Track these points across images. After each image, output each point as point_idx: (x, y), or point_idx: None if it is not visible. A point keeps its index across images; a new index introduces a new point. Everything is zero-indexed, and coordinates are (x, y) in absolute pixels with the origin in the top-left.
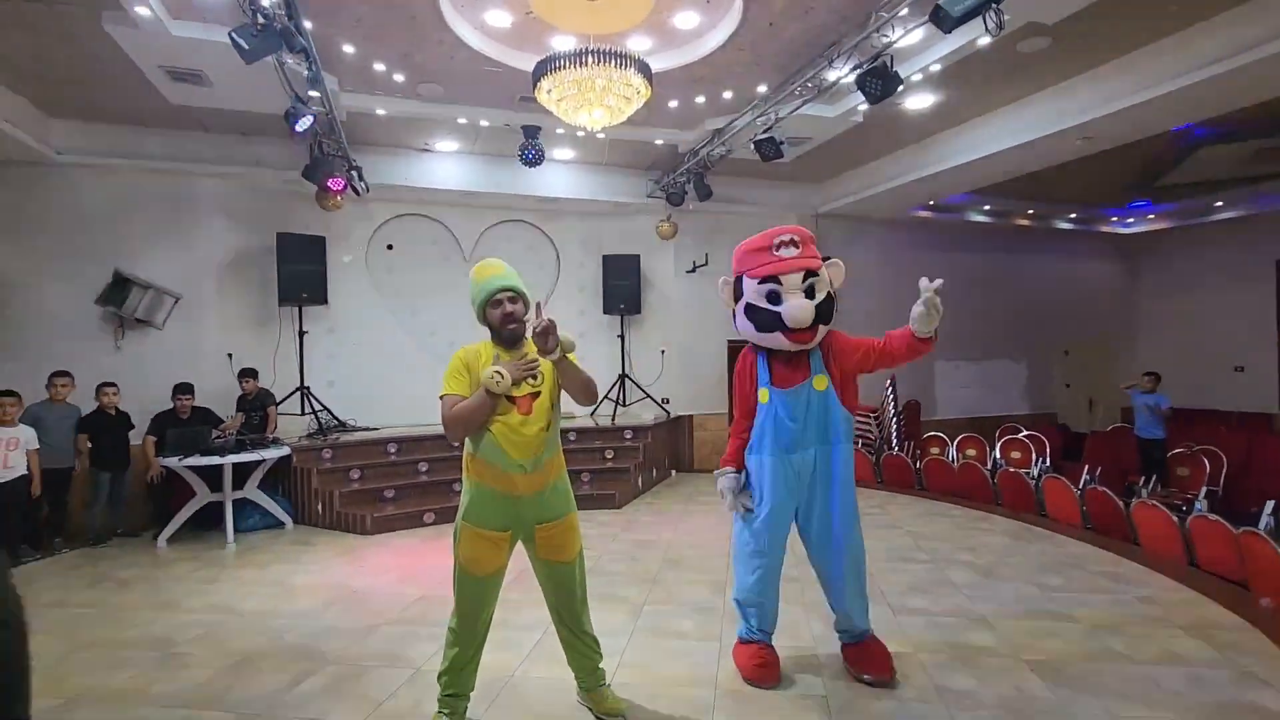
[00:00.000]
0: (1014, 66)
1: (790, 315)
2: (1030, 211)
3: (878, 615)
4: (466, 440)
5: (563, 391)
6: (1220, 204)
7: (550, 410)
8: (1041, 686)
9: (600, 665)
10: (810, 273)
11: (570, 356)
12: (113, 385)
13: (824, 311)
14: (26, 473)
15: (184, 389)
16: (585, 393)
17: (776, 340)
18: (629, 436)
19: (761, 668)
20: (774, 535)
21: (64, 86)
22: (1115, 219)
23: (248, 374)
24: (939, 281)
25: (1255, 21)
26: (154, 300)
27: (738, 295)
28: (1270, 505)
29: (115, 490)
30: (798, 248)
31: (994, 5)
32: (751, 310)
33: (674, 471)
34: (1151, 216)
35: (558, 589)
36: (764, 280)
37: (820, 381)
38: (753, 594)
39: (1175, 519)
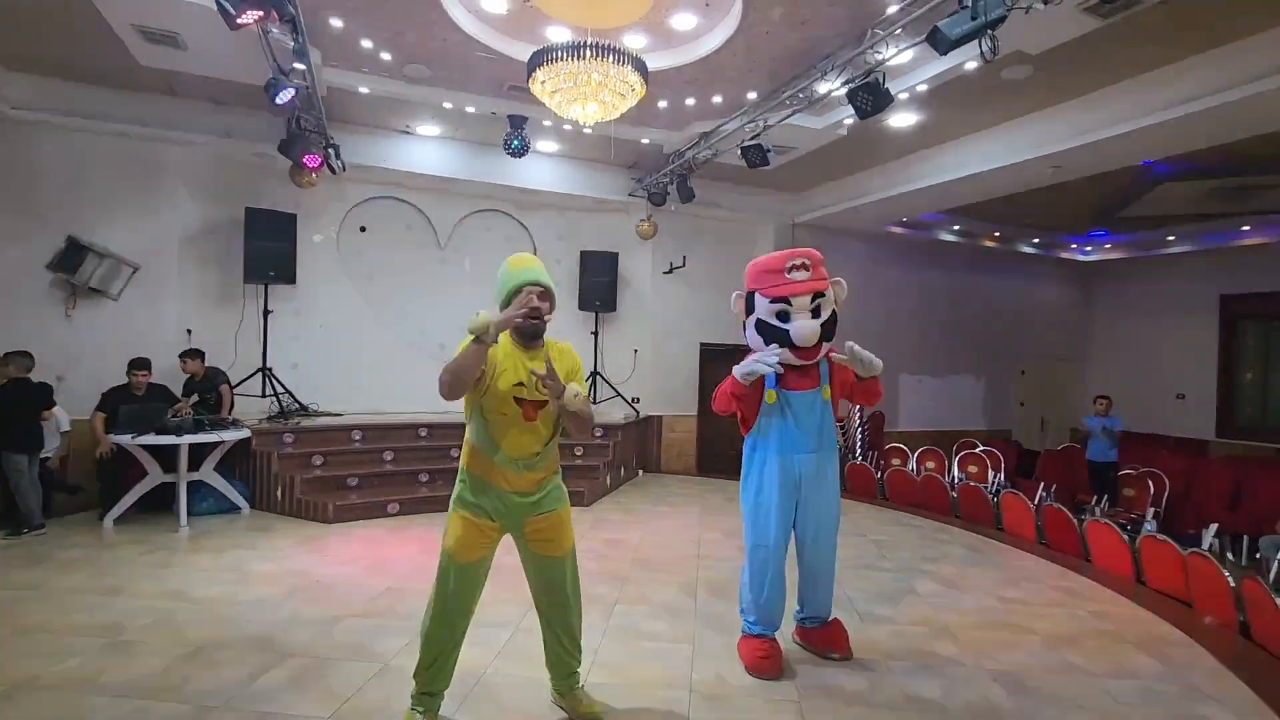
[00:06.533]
0: (995, 92)
1: (798, 334)
2: (997, 234)
3: (846, 622)
4: (468, 429)
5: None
6: (1172, 238)
7: (555, 421)
8: (1005, 696)
9: (577, 669)
10: (818, 294)
11: (569, 402)
12: (20, 354)
13: (828, 329)
14: None
15: (140, 364)
16: (581, 428)
17: (784, 355)
18: (599, 435)
19: (764, 659)
20: (777, 532)
21: (24, 38)
22: (1075, 246)
23: (191, 355)
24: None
25: (1221, 69)
26: (110, 269)
27: (749, 309)
28: (1214, 528)
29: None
30: (807, 271)
31: (989, 31)
32: (762, 325)
33: (641, 471)
34: (1108, 246)
35: (548, 586)
36: (775, 300)
37: (826, 392)
38: (757, 590)
39: (1125, 538)
